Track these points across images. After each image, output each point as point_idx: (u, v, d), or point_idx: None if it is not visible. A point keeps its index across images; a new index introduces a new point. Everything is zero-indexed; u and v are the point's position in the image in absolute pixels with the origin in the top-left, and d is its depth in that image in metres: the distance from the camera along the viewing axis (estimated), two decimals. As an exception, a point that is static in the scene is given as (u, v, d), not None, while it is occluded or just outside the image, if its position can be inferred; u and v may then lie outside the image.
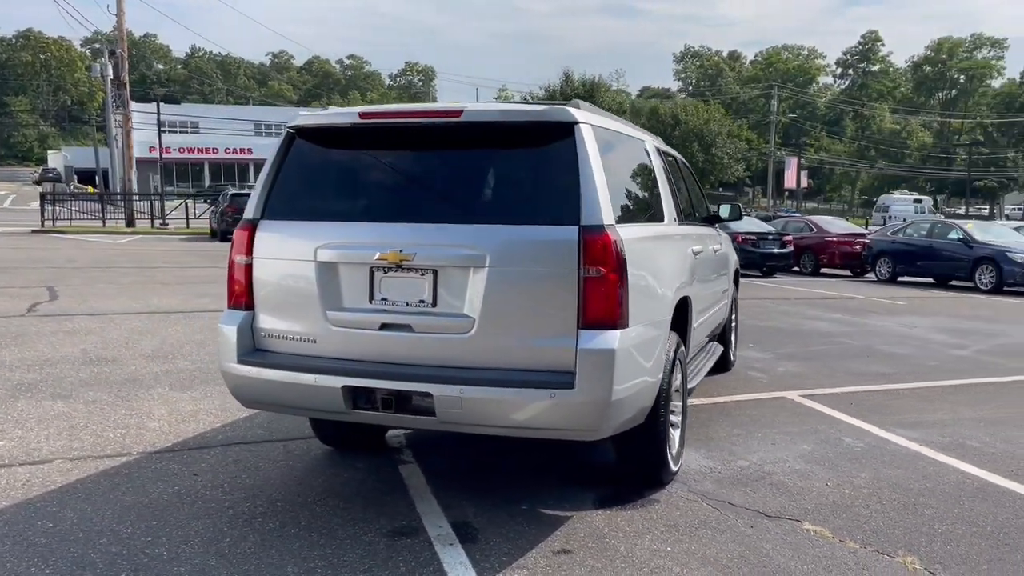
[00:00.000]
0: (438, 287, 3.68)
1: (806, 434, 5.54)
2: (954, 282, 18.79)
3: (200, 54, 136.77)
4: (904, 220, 29.94)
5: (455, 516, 3.98)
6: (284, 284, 3.95)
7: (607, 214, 3.58)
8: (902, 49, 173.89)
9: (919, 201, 51.95)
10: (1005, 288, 17.38)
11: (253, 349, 3.99)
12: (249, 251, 4.00)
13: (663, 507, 4.16)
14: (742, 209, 7.36)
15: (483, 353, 3.60)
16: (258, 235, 3.99)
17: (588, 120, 3.77)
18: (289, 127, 4.12)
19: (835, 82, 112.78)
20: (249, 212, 4.07)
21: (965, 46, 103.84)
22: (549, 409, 3.48)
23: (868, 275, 21.29)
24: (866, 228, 30.07)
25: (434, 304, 3.69)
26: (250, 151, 74.68)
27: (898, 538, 3.82)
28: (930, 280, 19.52)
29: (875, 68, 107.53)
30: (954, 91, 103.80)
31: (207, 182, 73.38)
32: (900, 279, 19.91)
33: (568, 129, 3.68)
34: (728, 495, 4.35)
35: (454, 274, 3.65)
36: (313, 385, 3.74)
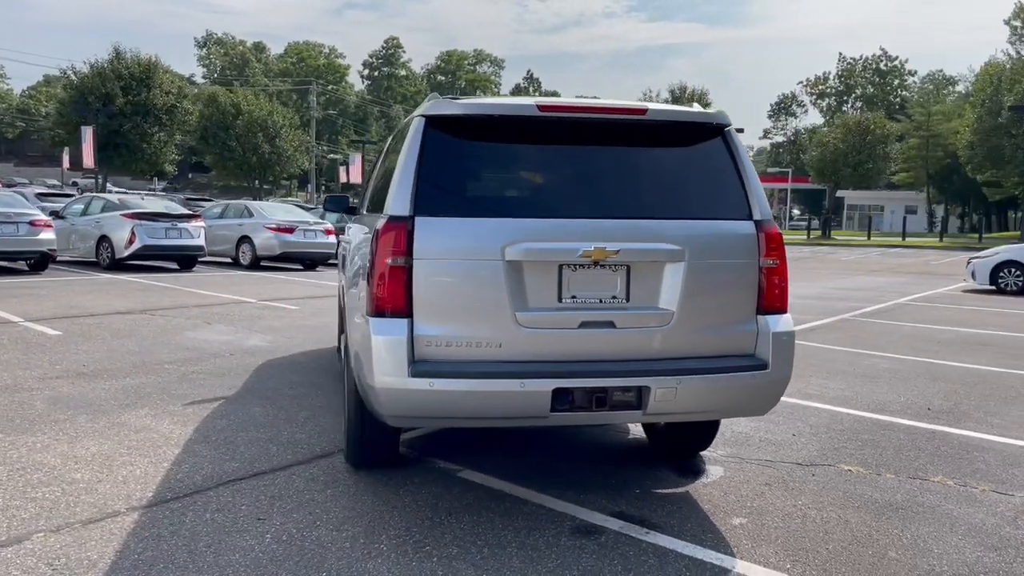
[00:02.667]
0: (631, 282, 3.73)
1: (709, 400, 6.45)
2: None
3: None
4: None
5: (602, 509, 4.03)
6: (459, 286, 3.60)
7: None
8: (419, 57, 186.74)
9: None
10: None
11: (413, 360, 3.57)
12: (408, 251, 3.55)
13: (737, 471, 4.68)
14: None
15: (681, 344, 3.77)
16: (417, 233, 3.57)
17: None
18: (428, 116, 3.72)
19: (363, 83, 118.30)
20: (397, 208, 3.60)
21: (470, 60, 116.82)
22: (748, 391, 3.81)
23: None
24: None
25: (627, 299, 3.73)
26: None
27: (903, 466, 4.86)
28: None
29: (400, 73, 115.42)
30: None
31: None
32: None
33: (723, 130, 4.00)
34: (754, 455, 5.01)
35: (648, 269, 3.74)
36: (520, 391, 3.52)
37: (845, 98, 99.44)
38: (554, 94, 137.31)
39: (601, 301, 3.71)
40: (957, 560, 3.57)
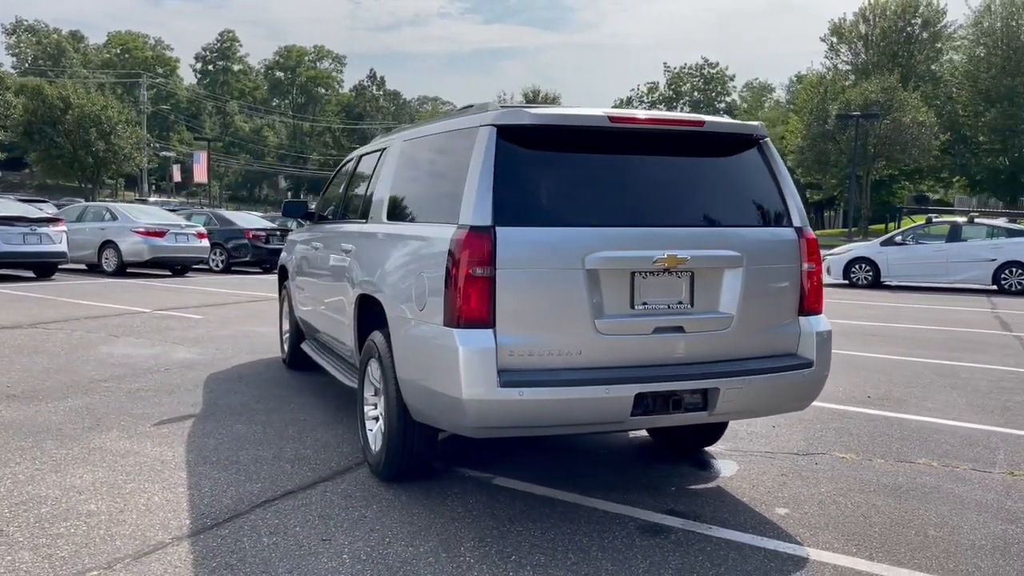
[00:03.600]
0: (695, 288, 3.87)
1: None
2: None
3: None
4: None
5: (655, 508, 4.15)
6: (541, 295, 3.62)
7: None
8: (252, 52, 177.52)
9: None
10: None
11: (499, 370, 3.56)
12: (491, 261, 3.53)
13: (749, 465, 4.92)
14: None
15: (739, 346, 3.95)
16: (499, 243, 3.55)
17: None
18: (500, 125, 3.70)
19: (196, 77, 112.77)
20: (478, 218, 3.57)
21: (310, 55, 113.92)
22: (797, 388, 4.05)
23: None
24: None
25: (691, 304, 3.87)
26: None
27: (886, 452, 5.28)
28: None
29: (235, 67, 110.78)
30: (303, 98, 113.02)
31: None
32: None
33: (761, 140, 4.22)
34: (751, 447, 5.29)
35: (711, 275, 3.90)
36: (605, 398, 3.59)
37: (674, 104, 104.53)
38: (396, 94, 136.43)
39: (669, 307, 3.83)
40: (988, 534, 3.95)
